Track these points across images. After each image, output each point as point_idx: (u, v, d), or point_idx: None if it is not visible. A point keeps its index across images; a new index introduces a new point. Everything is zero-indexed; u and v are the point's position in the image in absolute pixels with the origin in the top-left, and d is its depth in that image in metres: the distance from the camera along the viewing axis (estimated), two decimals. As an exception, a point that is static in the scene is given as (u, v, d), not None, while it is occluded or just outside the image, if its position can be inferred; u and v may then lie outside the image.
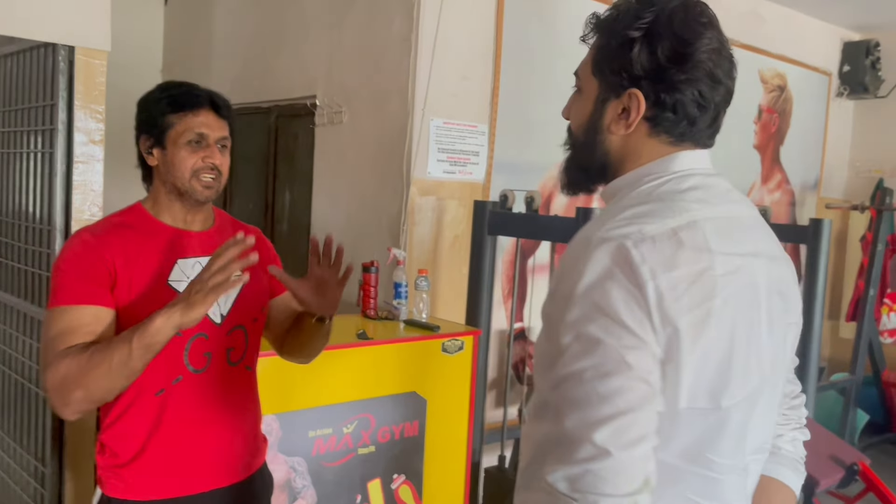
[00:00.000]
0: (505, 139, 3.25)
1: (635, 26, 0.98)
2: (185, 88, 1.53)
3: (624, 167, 1.04)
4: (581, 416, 0.85)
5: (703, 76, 0.98)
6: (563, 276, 0.93)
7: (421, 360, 2.55)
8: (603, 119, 1.03)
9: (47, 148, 2.56)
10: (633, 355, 0.86)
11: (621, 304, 0.87)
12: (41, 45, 2.53)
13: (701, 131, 1.02)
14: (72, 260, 1.42)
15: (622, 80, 1.00)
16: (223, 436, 1.55)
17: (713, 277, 0.92)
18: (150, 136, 1.51)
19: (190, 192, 1.49)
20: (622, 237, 0.91)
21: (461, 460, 2.69)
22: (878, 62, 4.85)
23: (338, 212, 3.41)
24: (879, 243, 4.25)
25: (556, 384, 0.90)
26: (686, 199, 0.97)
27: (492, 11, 3.15)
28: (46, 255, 2.56)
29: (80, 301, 1.39)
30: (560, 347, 0.90)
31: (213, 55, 4.35)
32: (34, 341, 2.65)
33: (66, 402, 1.33)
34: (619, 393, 0.85)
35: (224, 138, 1.53)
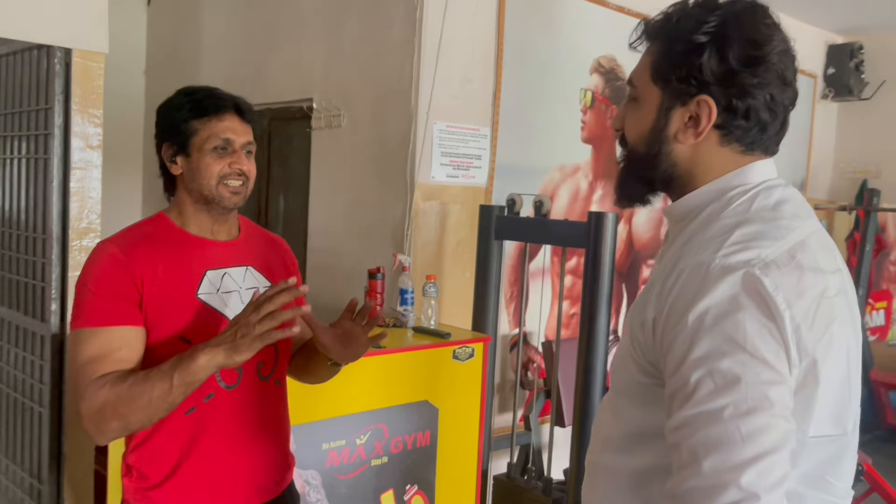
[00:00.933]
0: (506, 142, 3.22)
1: (702, 31, 0.95)
2: (207, 93, 1.48)
3: (694, 180, 1.00)
4: (722, 458, 0.80)
5: (775, 79, 0.95)
6: (675, 306, 0.88)
7: (432, 369, 2.50)
8: (668, 128, 0.99)
9: (42, 153, 2.47)
10: (774, 391, 0.82)
11: (757, 336, 0.83)
12: (34, 46, 2.44)
13: (770, 138, 0.99)
14: (99, 277, 1.36)
15: (690, 86, 0.96)
16: (256, 453, 1.50)
17: (830, 300, 0.89)
18: (173, 144, 1.46)
19: (217, 199, 1.43)
20: (745, 264, 0.87)
21: (472, 469, 2.65)
22: (862, 65, 4.91)
23: (336, 217, 3.35)
24: (868, 243, 4.30)
25: (683, 424, 0.84)
26: (784, 215, 0.94)
27: (493, 14, 3.12)
28: (42, 264, 2.48)
29: (110, 322, 1.33)
30: (686, 385, 0.84)
31: (201, 56, 4.25)
32: (29, 354, 2.56)
33: (103, 432, 1.29)
34: (764, 432, 0.80)
35: (249, 143, 1.48)
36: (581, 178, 3.56)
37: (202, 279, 1.43)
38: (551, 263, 3.44)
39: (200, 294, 1.42)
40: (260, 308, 1.24)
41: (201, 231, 1.48)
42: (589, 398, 2.50)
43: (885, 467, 3.43)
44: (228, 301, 1.45)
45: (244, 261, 1.51)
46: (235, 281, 1.48)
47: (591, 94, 3.55)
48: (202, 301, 1.42)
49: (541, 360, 3.38)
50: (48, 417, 2.46)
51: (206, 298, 1.42)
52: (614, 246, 2.48)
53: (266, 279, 1.54)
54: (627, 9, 3.61)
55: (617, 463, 1.00)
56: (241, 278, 1.49)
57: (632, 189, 1.07)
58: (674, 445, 0.86)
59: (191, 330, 1.40)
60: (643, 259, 3.93)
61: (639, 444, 0.97)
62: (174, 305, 1.39)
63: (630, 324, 1.00)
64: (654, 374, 0.94)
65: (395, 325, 2.70)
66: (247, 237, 1.56)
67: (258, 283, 1.52)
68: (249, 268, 1.52)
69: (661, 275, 0.95)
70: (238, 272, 1.49)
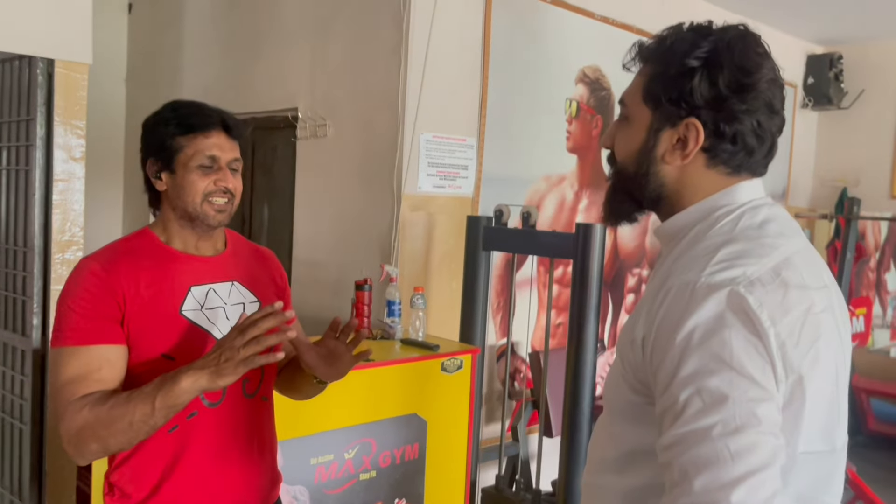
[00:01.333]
0: (492, 152, 3.22)
1: (694, 55, 0.97)
2: (194, 108, 1.45)
3: (681, 201, 1.02)
4: (712, 477, 0.81)
5: (762, 106, 0.97)
6: (663, 325, 0.89)
7: (421, 381, 2.49)
8: (657, 149, 1.01)
9: (24, 165, 2.43)
10: (762, 408, 0.83)
11: (743, 354, 0.84)
12: (17, 56, 2.40)
13: (757, 161, 1.01)
14: (80, 295, 1.33)
15: (680, 109, 0.98)
16: (242, 471, 1.48)
17: (816, 316, 0.90)
18: (158, 160, 1.43)
19: (202, 216, 1.42)
20: (730, 282, 0.88)
21: (460, 481, 2.64)
22: (841, 74, 4.98)
23: (322, 227, 3.33)
24: (849, 252, 4.35)
25: (673, 443, 0.85)
26: (769, 233, 0.96)
27: (479, 24, 3.12)
28: (23, 277, 2.43)
29: (91, 341, 1.31)
30: (675, 404, 0.85)
31: (182, 64, 4.21)
32: (9, 370, 2.51)
33: (82, 453, 1.28)
34: (752, 449, 0.81)
35: (236, 160, 1.46)
36: (567, 188, 3.57)
37: (186, 295, 1.41)
38: (537, 273, 3.45)
39: (184, 311, 1.40)
40: (244, 332, 1.23)
41: (186, 246, 1.46)
42: (578, 408, 2.50)
43: (867, 474, 3.46)
44: (213, 317, 1.44)
45: (229, 276, 1.50)
46: (220, 297, 1.46)
47: (576, 104, 3.56)
48: (186, 318, 1.40)
49: (528, 370, 3.38)
50: (29, 434, 2.42)
51: (190, 315, 1.41)
52: (602, 257, 2.49)
53: (252, 294, 1.52)
54: (612, 19, 3.64)
55: (612, 483, 1.00)
56: (227, 294, 1.48)
57: (619, 207, 1.09)
58: (665, 464, 0.87)
59: (174, 347, 1.38)
60: (628, 268, 3.94)
61: (632, 463, 0.97)
62: (157, 323, 1.37)
63: (620, 343, 1.01)
64: (645, 392, 0.95)
65: (382, 336, 2.68)
66: (233, 251, 1.54)
67: (244, 298, 1.50)
68: (235, 283, 1.50)
69: (650, 294, 0.97)
70: (223, 288, 1.47)
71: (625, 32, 3.68)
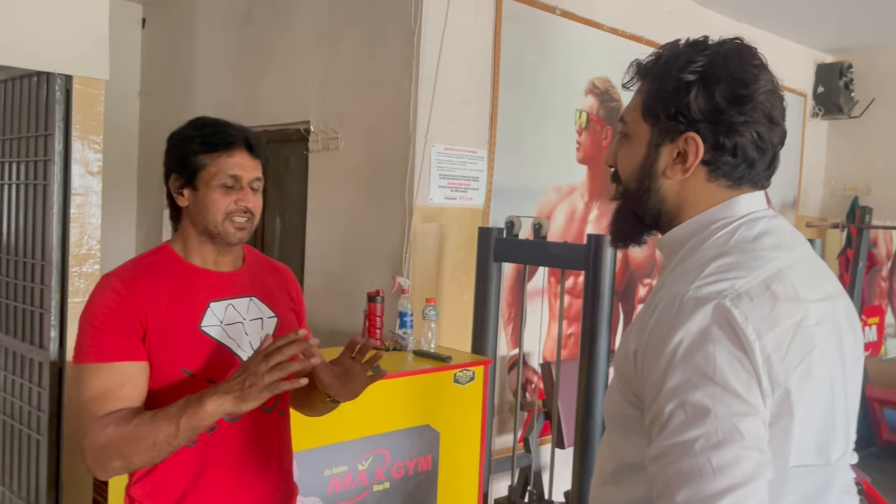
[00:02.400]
0: (503, 164, 3.24)
1: (690, 70, 0.97)
2: (219, 127, 1.46)
3: (681, 215, 1.02)
4: (694, 491, 0.81)
5: (762, 118, 0.97)
6: (652, 338, 0.90)
7: (433, 393, 2.50)
8: (657, 164, 1.01)
9: (42, 179, 2.47)
10: (745, 423, 0.83)
11: (728, 368, 0.84)
12: (35, 73, 2.44)
13: (759, 174, 1.01)
14: (102, 312, 1.35)
15: (678, 123, 0.98)
16: (260, 484, 1.50)
17: (809, 329, 0.89)
18: (181, 176, 1.45)
19: (223, 234, 1.43)
20: (717, 295, 0.88)
21: (473, 492, 2.64)
22: (851, 83, 4.98)
23: (334, 239, 3.35)
24: (861, 261, 4.34)
25: (658, 456, 0.85)
26: (762, 246, 0.95)
27: (489, 37, 3.15)
28: (41, 290, 2.46)
29: (114, 358, 1.33)
30: (661, 417, 0.86)
31: (195, 78, 4.26)
32: (27, 381, 2.54)
33: (105, 469, 1.30)
34: (735, 464, 0.81)
35: (257, 179, 1.47)
36: (577, 199, 3.59)
37: (206, 311, 1.43)
38: (548, 284, 3.45)
39: (204, 326, 1.42)
40: (269, 358, 1.25)
41: (205, 262, 1.47)
42: (590, 419, 2.51)
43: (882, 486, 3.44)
44: (232, 333, 1.45)
45: (248, 291, 1.51)
46: (239, 312, 1.48)
47: (586, 114, 3.58)
48: (206, 334, 1.42)
49: (539, 381, 3.38)
50: (46, 445, 2.44)
51: (209, 331, 1.42)
52: (614, 268, 2.50)
53: (270, 309, 1.54)
54: (621, 31, 3.66)
55: (612, 495, 1.01)
56: (245, 309, 1.49)
57: (625, 226, 1.09)
58: (652, 476, 0.87)
59: (194, 363, 1.39)
60: (639, 278, 3.95)
61: (629, 475, 0.97)
62: (177, 338, 1.39)
63: (616, 357, 1.02)
64: (638, 405, 0.95)
65: (395, 348, 2.69)
66: (250, 267, 1.56)
67: (262, 313, 1.52)
68: (253, 298, 1.51)
69: (644, 307, 0.98)
70: (242, 303, 1.49)
71: (633, 44, 3.70)
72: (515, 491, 2.94)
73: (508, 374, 3.35)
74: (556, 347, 2.80)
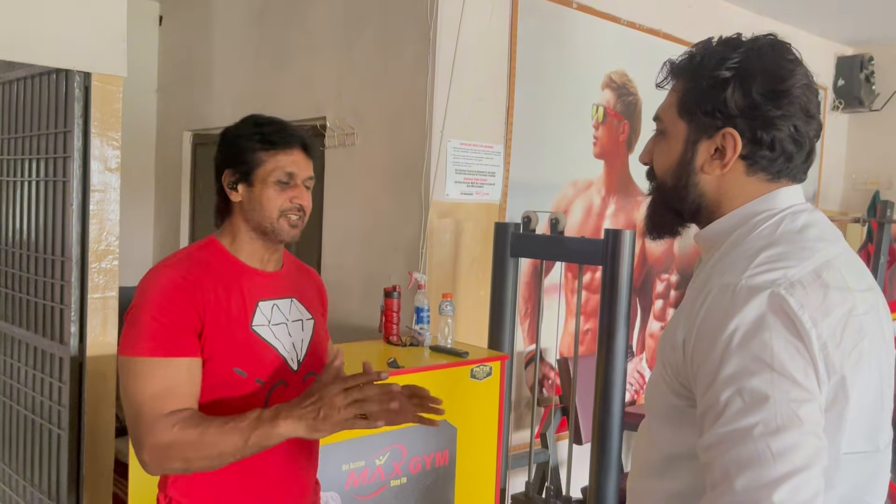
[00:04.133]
0: (519, 159, 3.23)
1: (726, 66, 0.99)
2: (278, 126, 1.48)
3: (720, 209, 1.04)
4: (754, 476, 0.81)
5: (798, 111, 0.99)
6: (703, 327, 0.91)
7: (450, 388, 2.50)
8: (695, 160, 1.03)
9: (61, 176, 2.48)
10: (804, 409, 0.84)
11: (785, 355, 0.85)
12: (54, 70, 2.46)
13: (797, 167, 1.02)
14: (163, 304, 1.33)
15: (716, 120, 1.00)
16: (300, 483, 1.51)
17: (858, 318, 0.91)
18: (236, 172, 1.45)
19: (277, 231, 1.44)
20: (771, 283, 0.89)
21: (490, 488, 2.64)
22: (872, 76, 4.91)
23: (351, 235, 3.35)
24: (882, 255, 4.28)
25: (714, 443, 0.86)
26: (808, 237, 0.97)
27: (505, 32, 3.14)
28: (61, 286, 2.48)
29: (174, 353, 1.32)
30: (716, 405, 0.86)
31: (212, 75, 4.28)
32: (47, 377, 2.56)
33: (163, 468, 1.31)
34: (794, 449, 0.81)
35: (310, 178, 1.49)
36: (594, 194, 3.57)
37: (255, 310, 1.43)
38: (565, 279, 3.44)
39: (255, 326, 1.42)
40: (348, 393, 1.25)
41: (252, 260, 1.47)
42: (608, 415, 2.49)
43: None
44: (278, 334, 1.46)
45: (289, 292, 1.52)
46: (283, 313, 1.48)
47: (602, 109, 3.55)
48: (257, 333, 1.42)
49: (556, 376, 3.37)
50: (67, 440, 2.46)
51: (259, 330, 1.42)
52: (632, 263, 2.48)
53: (307, 311, 1.55)
54: (639, 24, 3.63)
55: (654, 487, 1.01)
56: (288, 310, 1.50)
57: (661, 220, 1.11)
58: (706, 465, 0.87)
59: (246, 363, 1.39)
60: (657, 273, 3.92)
61: (674, 466, 0.98)
62: (230, 336, 1.38)
63: (661, 348, 1.02)
64: (686, 395, 0.96)
65: (411, 343, 2.69)
66: (288, 268, 1.57)
67: (301, 315, 1.52)
68: (294, 300, 1.52)
69: (690, 298, 0.98)
70: (285, 304, 1.50)
71: (651, 37, 3.66)
72: (533, 487, 2.93)
73: (525, 370, 3.34)
74: (573, 343, 2.79)
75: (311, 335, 1.52)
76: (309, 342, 1.51)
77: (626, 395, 2.56)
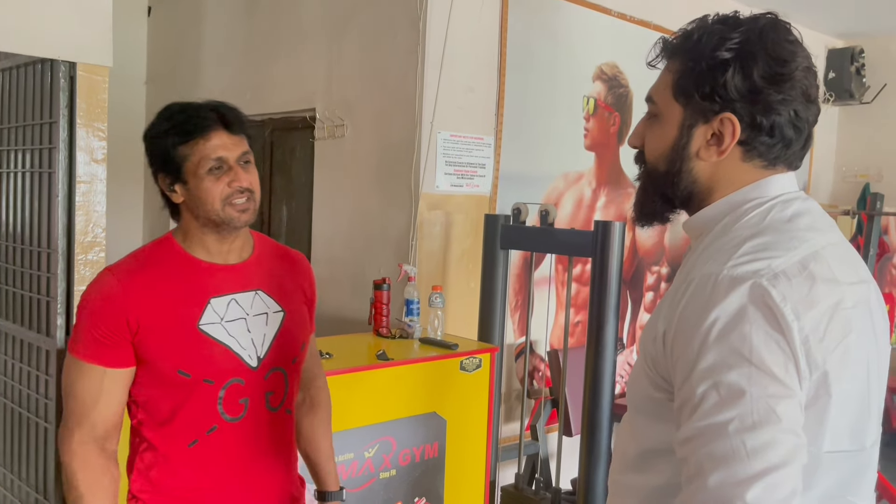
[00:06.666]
0: (510, 151, 3.22)
1: (725, 47, 0.94)
2: (189, 112, 1.39)
3: (712, 195, 0.99)
4: (728, 473, 0.79)
5: (799, 96, 0.94)
6: (683, 318, 0.88)
7: (440, 380, 2.49)
8: (690, 146, 0.98)
9: (46, 167, 2.46)
10: (782, 405, 0.81)
11: (764, 348, 0.81)
12: (39, 60, 2.43)
13: (795, 153, 0.98)
14: (94, 312, 1.34)
15: (714, 104, 0.95)
16: (267, 483, 1.47)
17: (846, 312, 0.87)
18: (167, 174, 1.39)
19: (227, 220, 1.37)
20: (753, 274, 0.85)
21: (480, 480, 2.64)
22: (863, 69, 4.91)
23: (340, 227, 3.34)
24: (872, 248, 4.29)
25: (689, 438, 0.83)
26: (798, 227, 0.93)
27: (495, 23, 3.12)
28: (47, 279, 2.46)
29: (100, 362, 1.34)
30: (692, 398, 0.83)
31: (201, 67, 4.25)
32: (34, 369, 2.54)
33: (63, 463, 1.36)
34: (770, 447, 0.79)
35: (245, 153, 1.40)
36: (585, 186, 3.56)
37: (205, 309, 1.38)
38: (556, 272, 3.44)
39: (202, 325, 1.37)
40: None
41: (209, 255, 1.42)
42: (598, 407, 2.49)
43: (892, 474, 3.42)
44: (233, 330, 1.40)
45: (253, 284, 1.45)
46: (242, 307, 1.42)
47: (593, 101, 3.54)
48: (203, 332, 1.37)
49: (546, 368, 3.37)
50: (53, 433, 2.45)
51: (208, 329, 1.37)
52: (622, 255, 2.48)
53: (276, 303, 1.48)
54: (629, 16, 3.62)
55: (635, 481, 0.99)
56: (249, 304, 1.43)
57: (651, 207, 1.06)
58: (682, 459, 0.85)
59: (191, 364, 1.36)
60: (647, 266, 3.92)
61: (654, 461, 0.95)
62: (173, 337, 1.35)
63: (643, 339, 0.99)
64: (666, 388, 0.93)
65: (401, 336, 2.69)
66: (259, 257, 1.49)
67: (267, 308, 1.46)
68: (258, 292, 1.45)
69: (674, 288, 0.95)
70: (246, 298, 1.43)
71: (642, 29, 3.66)
72: (522, 478, 2.93)
73: (515, 362, 3.34)
74: (563, 335, 2.79)
75: (277, 328, 1.46)
76: (274, 336, 1.45)
77: (615, 388, 2.56)
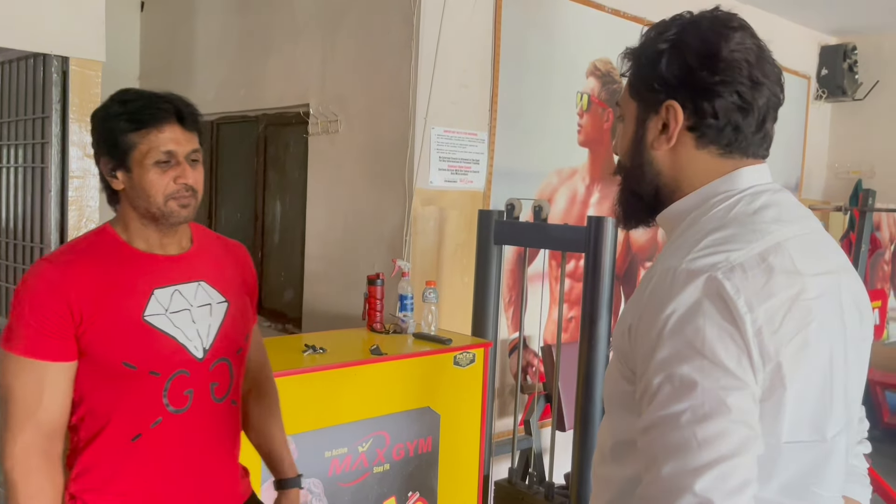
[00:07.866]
0: (504, 147, 3.22)
1: (663, 39, 0.98)
2: (145, 101, 1.34)
3: (680, 188, 1.01)
4: (679, 464, 0.81)
5: (740, 76, 0.95)
6: (645, 311, 0.89)
7: (433, 375, 2.50)
8: (646, 138, 1.01)
9: (39, 162, 2.46)
10: (733, 397, 0.82)
11: (717, 341, 0.83)
12: (31, 55, 2.42)
13: (748, 138, 0.99)
14: (32, 303, 1.27)
15: (658, 94, 0.98)
16: (209, 479, 1.44)
17: (806, 302, 0.88)
18: (111, 158, 1.35)
19: (167, 215, 1.34)
20: (710, 267, 0.87)
21: (473, 474, 2.65)
22: (855, 65, 4.93)
23: (334, 222, 3.34)
24: (864, 244, 4.32)
25: (646, 428, 0.85)
26: (763, 219, 0.94)
27: (489, 19, 3.12)
28: (40, 274, 2.46)
29: (41, 356, 1.28)
30: (650, 389, 0.85)
31: (195, 62, 4.24)
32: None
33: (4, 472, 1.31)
34: (721, 437, 0.80)
35: (194, 151, 1.36)
36: (578, 182, 3.57)
37: (149, 300, 1.35)
38: (549, 267, 3.45)
39: (147, 316, 1.34)
40: None
41: (149, 246, 1.38)
42: (590, 402, 2.51)
43: (883, 467, 3.44)
44: (178, 321, 1.38)
45: (195, 275, 1.43)
46: (186, 298, 1.40)
47: (587, 97, 3.55)
48: (149, 324, 1.34)
49: (540, 364, 3.38)
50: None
51: (152, 320, 1.34)
52: (615, 250, 2.49)
53: (220, 294, 1.45)
54: (623, 12, 3.62)
55: (611, 473, 1.01)
56: (193, 295, 1.41)
57: (628, 205, 1.08)
58: (641, 449, 0.87)
59: (135, 355, 1.32)
60: (641, 261, 3.93)
61: (627, 452, 0.96)
62: (117, 329, 1.31)
63: (615, 334, 1.01)
64: (634, 381, 0.94)
65: (395, 331, 2.69)
66: (199, 248, 1.46)
67: (211, 299, 1.43)
68: (201, 283, 1.43)
69: (642, 282, 0.97)
70: (189, 289, 1.41)
71: (636, 25, 3.66)
72: (516, 473, 2.94)
73: (509, 357, 3.35)
74: (556, 331, 2.80)
75: (221, 319, 1.43)
76: (219, 327, 1.43)
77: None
